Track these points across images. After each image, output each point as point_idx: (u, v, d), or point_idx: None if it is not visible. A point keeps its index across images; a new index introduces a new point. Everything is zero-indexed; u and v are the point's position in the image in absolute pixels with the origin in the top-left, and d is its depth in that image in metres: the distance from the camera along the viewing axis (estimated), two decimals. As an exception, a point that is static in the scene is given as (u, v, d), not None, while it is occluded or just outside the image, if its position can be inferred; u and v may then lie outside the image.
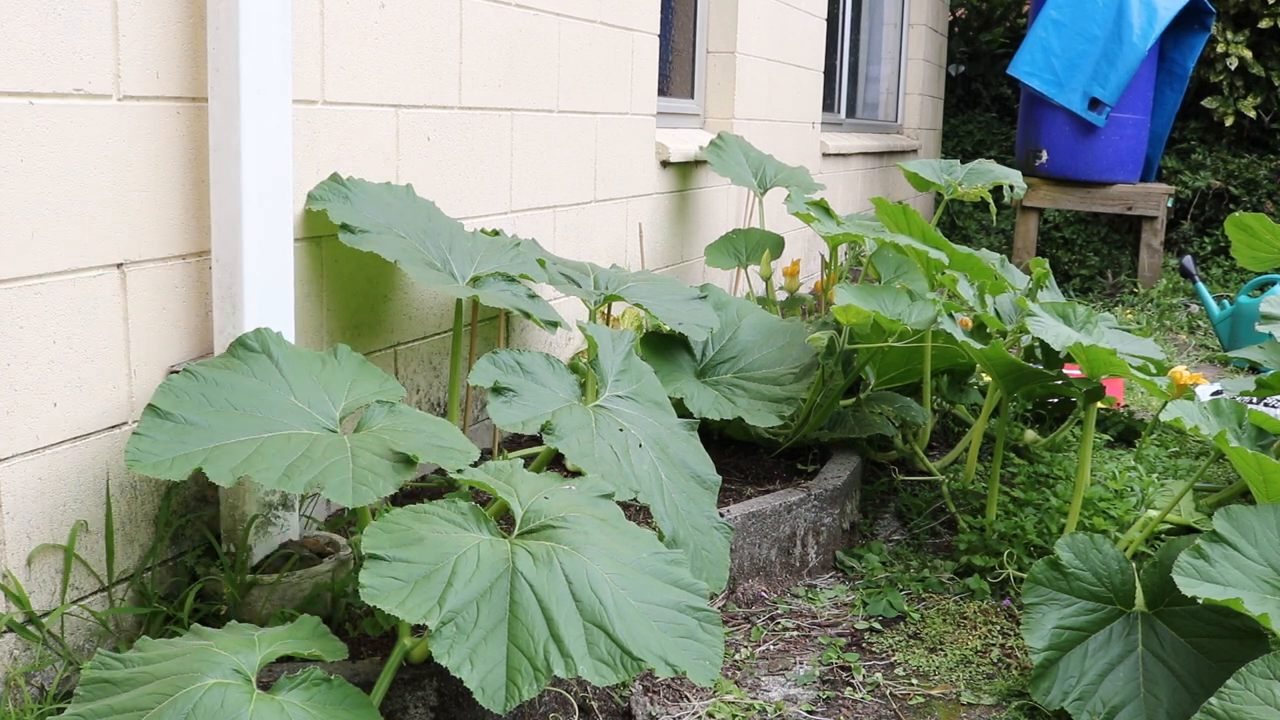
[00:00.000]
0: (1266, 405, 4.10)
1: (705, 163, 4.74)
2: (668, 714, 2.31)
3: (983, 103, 10.46)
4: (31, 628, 1.96)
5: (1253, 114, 8.13)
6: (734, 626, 2.73)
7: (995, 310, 3.24)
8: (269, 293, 2.30)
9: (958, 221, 9.32)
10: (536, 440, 3.30)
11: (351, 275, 2.73)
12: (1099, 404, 3.38)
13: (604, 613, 1.77)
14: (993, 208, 4.85)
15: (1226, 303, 5.85)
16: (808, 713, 2.37)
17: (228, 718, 1.56)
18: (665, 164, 4.46)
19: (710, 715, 2.33)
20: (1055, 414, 4.14)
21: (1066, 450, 3.80)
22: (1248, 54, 7.93)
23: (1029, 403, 4.12)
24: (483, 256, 2.79)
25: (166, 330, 2.20)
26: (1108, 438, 4.01)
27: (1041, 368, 3.04)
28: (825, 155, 6.69)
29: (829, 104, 7.37)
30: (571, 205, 3.75)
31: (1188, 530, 3.12)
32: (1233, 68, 8.00)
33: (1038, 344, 3.12)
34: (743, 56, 5.25)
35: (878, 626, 2.75)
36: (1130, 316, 6.73)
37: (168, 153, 2.16)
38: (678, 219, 4.68)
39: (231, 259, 2.24)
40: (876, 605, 2.84)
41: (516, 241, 2.94)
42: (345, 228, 2.50)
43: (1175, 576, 2.11)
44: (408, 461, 1.92)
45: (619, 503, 2.26)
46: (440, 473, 2.94)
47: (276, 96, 2.27)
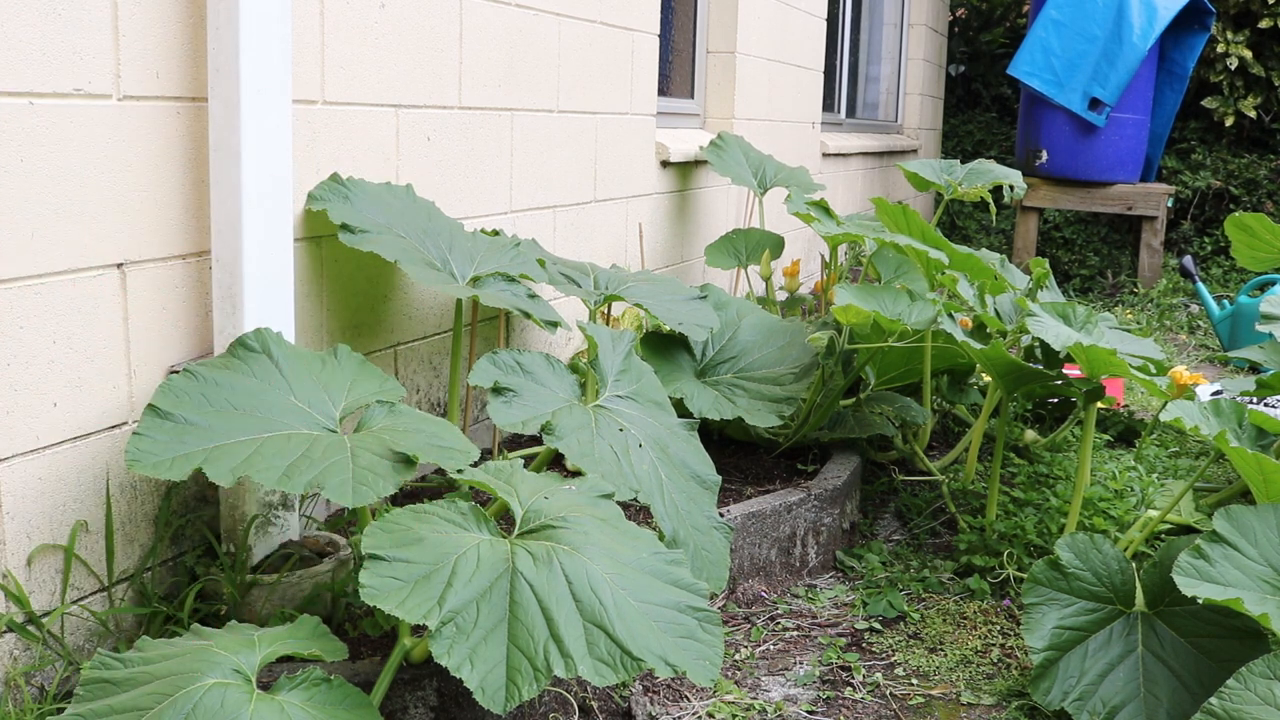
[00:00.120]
0: (1266, 405, 4.10)
1: (705, 163, 4.74)
2: (668, 714, 2.31)
3: (983, 103, 10.46)
4: (31, 628, 1.96)
5: (1253, 114, 8.13)
6: (734, 626, 2.73)
7: (995, 310, 3.24)
8: (269, 293, 2.30)
9: (958, 221, 9.32)
10: (536, 440, 3.30)
11: (351, 275, 2.73)
12: (1099, 404, 3.38)
13: (604, 613, 1.77)
14: (993, 208, 4.84)
15: (1226, 303, 5.85)
16: (808, 713, 2.37)
17: (228, 718, 1.56)
18: (665, 164, 4.46)
19: (710, 715, 2.33)
20: (1055, 414, 4.14)
21: (1066, 450, 3.80)
22: (1248, 54, 7.93)
23: (1029, 403, 4.12)
24: (483, 256, 2.79)
25: (166, 330, 2.20)
26: (1108, 438, 4.01)
27: (1041, 368, 3.04)
28: (825, 155, 6.69)
29: (829, 104, 7.37)
30: (571, 205, 3.75)
31: (1188, 530, 3.12)
32: (1233, 68, 8.00)
33: (1038, 344, 3.12)
34: (743, 56, 5.25)
35: (878, 626, 2.75)
36: (1130, 316, 6.73)
37: (168, 153, 2.16)
38: (678, 219, 4.68)
39: (231, 259, 2.24)
40: (876, 605, 2.84)
41: (516, 241, 2.94)
42: (345, 228, 2.50)
43: (1175, 576, 2.11)
44: (408, 461, 1.92)
45: (619, 503, 2.26)
46: (440, 473, 2.94)
47: (276, 96, 2.27)
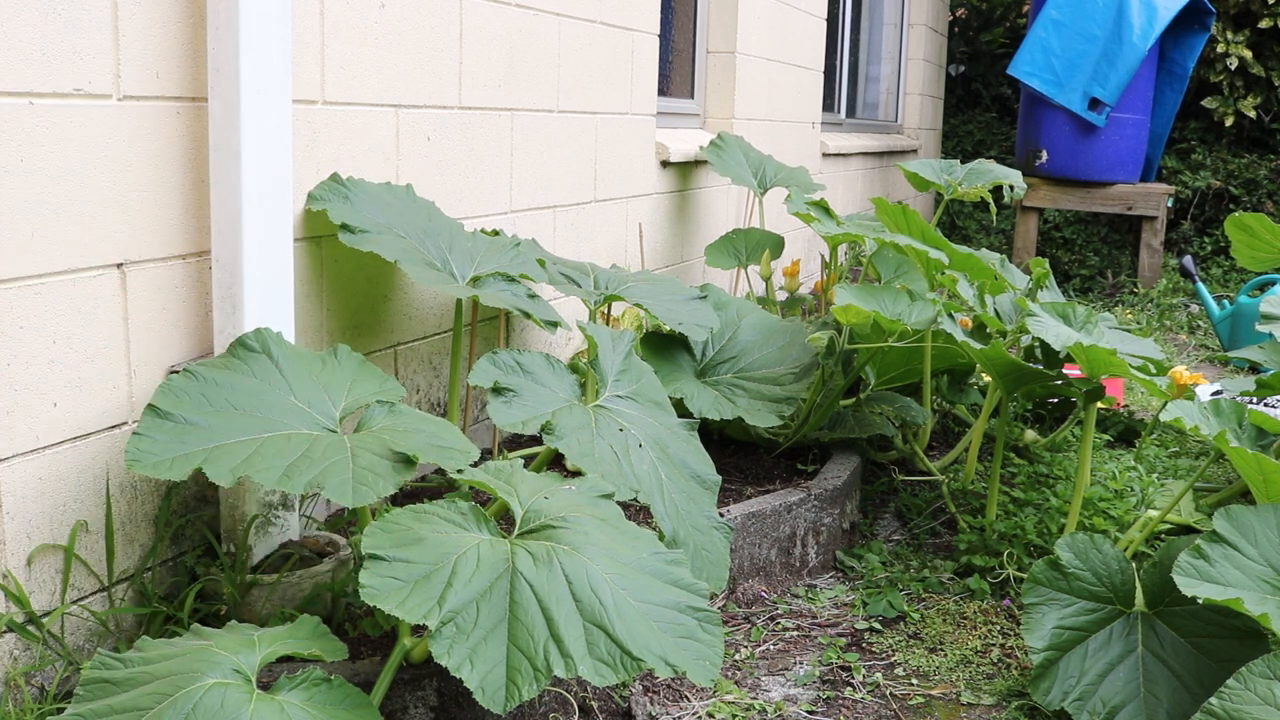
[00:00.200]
0: (1266, 405, 4.10)
1: (705, 163, 4.74)
2: (668, 714, 2.31)
3: (983, 103, 10.46)
4: (31, 628, 1.96)
5: (1253, 114, 8.13)
6: (734, 626, 2.73)
7: (995, 310, 3.24)
8: (269, 293, 2.30)
9: (958, 221, 9.32)
10: (536, 440, 3.30)
11: (351, 275, 2.73)
12: (1099, 404, 3.37)
13: (604, 613, 1.77)
14: (993, 208, 4.84)
15: (1226, 303, 5.85)
16: (808, 713, 2.37)
17: (228, 718, 1.56)
18: (665, 164, 4.46)
19: (710, 715, 2.33)
20: (1055, 414, 4.14)
21: (1066, 450, 3.80)
22: (1248, 54, 7.93)
23: (1029, 403, 4.12)
24: (483, 256, 2.79)
25: (166, 330, 2.20)
26: (1108, 438, 4.01)
27: (1041, 368, 3.04)
28: (825, 155, 6.69)
29: (829, 104, 7.37)
30: (571, 205, 3.75)
31: (1188, 530, 3.12)
32: (1233, 68, 8.00)
33: (1038, 344, 3.12)
34: (743, 56, 5.25)
35: (878, 626, 2.75)
36: (1130, 316, 6.73)
37: (168, 153, 2.16)
38: (678, 219, 4.68)
39: (231, 259, 2.24)
40: (876, 605, 2.84)
41: (516, 241, 2.94)
42: (345, 228, 2.50)
43: (1175, 576, 2.11)
44: (408, 461, 1.92)
45: (619, 503, 2.26)
46: (440, 473, 2.94)
47: (276, 96, 2.27)
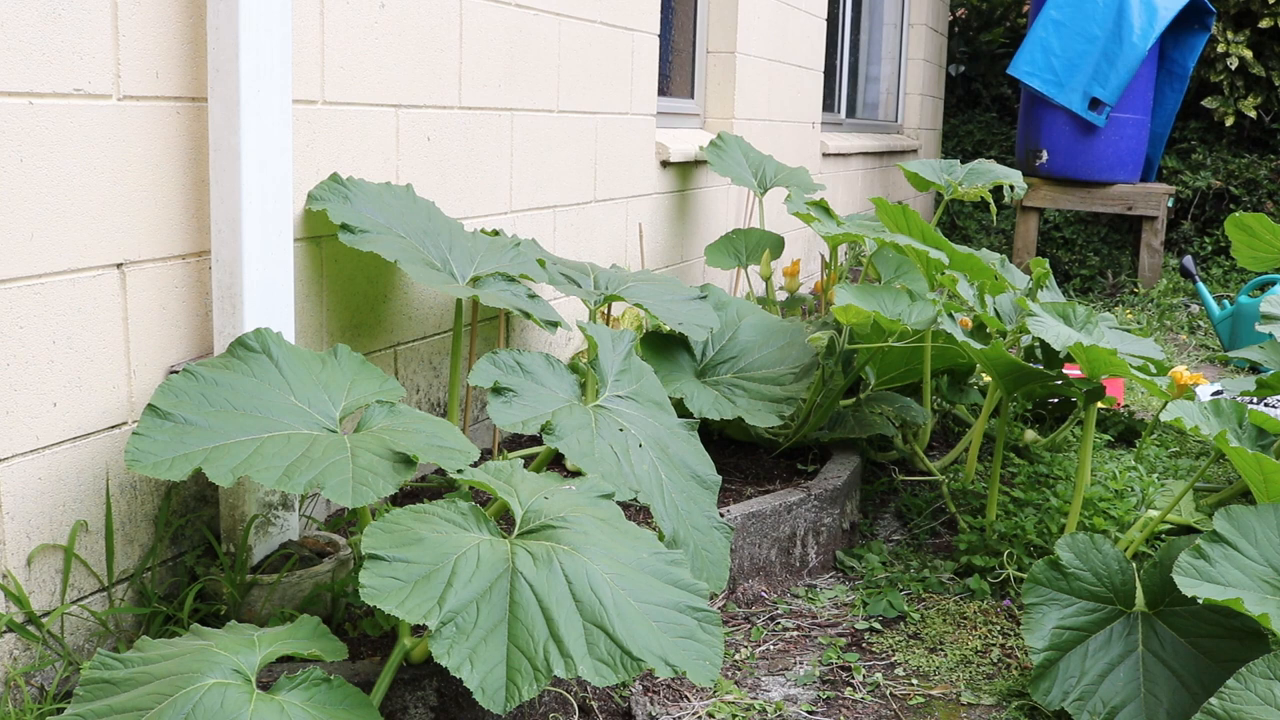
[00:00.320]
0: (1266, 405, 4.10)
1: (705, 163, 4.74)
2: (668, 714, 2.31)
3: (983, 103, 10.46)
4: (31, 628, 1.96)
5: (1253, 114, 8.13)
6: (734, 626, 2.73)
7: (995, 310, 3.24)
8: (269, 293, 2.30)
9: (958, 221, 9.32)
10: (536, 440, 3.30)
11: (351, 275, 2.73)
12: (1099, 404, 3.37)
13: (604, 613, 1.77)
14: (993, 208, 4.84)
15: (1227, 303, 5.85)
16: (808, 713, 2.37)
17: (228, 718, 1.56)
18: (665, 164, 4.46)
19: (710, 715, 2.33)
20: (1055, 414, 4.14)
21: (1066, 450, 3.80)
22: (1248, 54, 7.93)
23: (1029, 403, 4.12)
24: (483, 256, 2.79)
25: (166, 330, 2.20)
26: (1108, 438, 4.01)
27: (1041, 368, 3.04)
28: (825, 155, 6.69)
29: (829, 104, 7.37)
30: (571, 205, 3.75)
31: (1188, 530, 3.12)
32: (1233, 68, 8.00)
33: (1038, 344, 3.12)
34: (743, 56, 5.25)
35: (878, 626, 2.75)
36: (1130, 316, 6.73)
37: (168, 153, 2.16)
38: (678, 219, 4.68)
39: (231, 259, 2.24)
40: (876, 605, 2.83)
41: (516, 241, 2.94)
42: (345, 228, 2.50)
43: (1175, 576, 2.11)
44: (408, 461, 1.92)
45: (619, 503, 2.26)
46: (440, 473, 2.94)
47: (276, 97, 2.27)
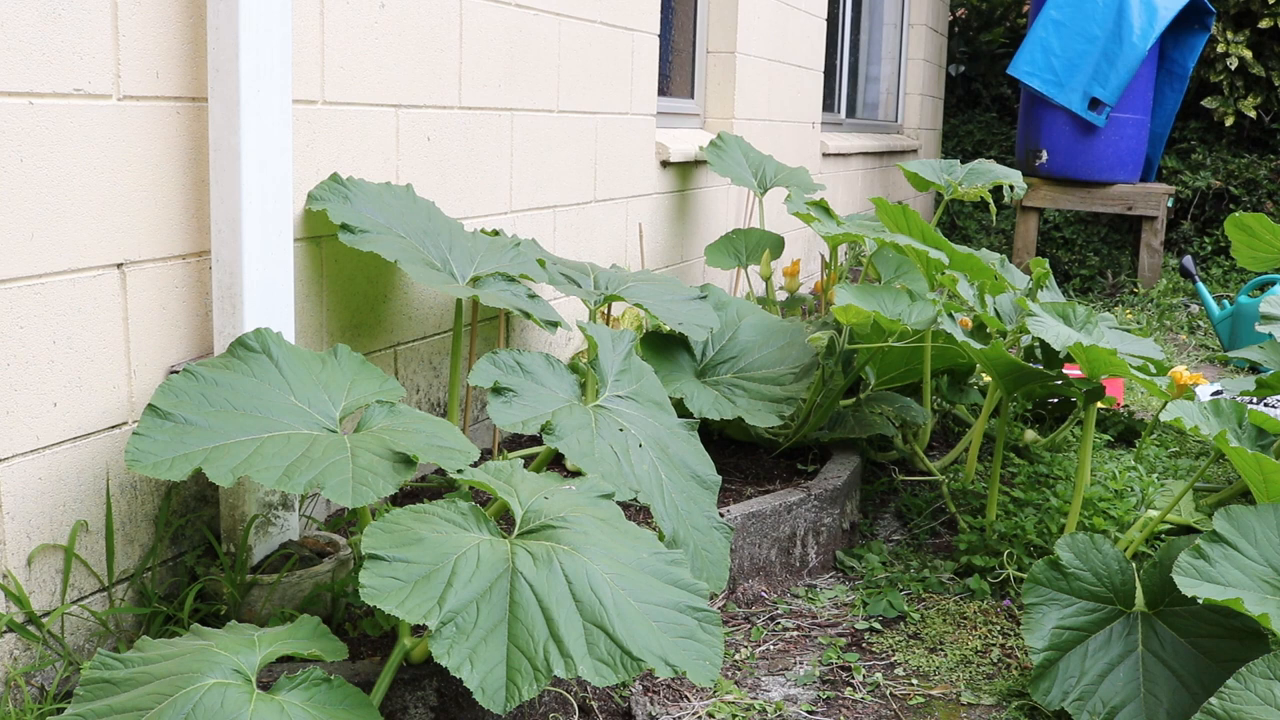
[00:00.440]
0: (1266, 405, 4.10)
1: (705, 163, 4.74)
2: (668, 714, 2.31)
3: (983, 103, 10.46)
4: (31, 628, 1.96)
5: (1253, 114, 8.13)
6: (734, 626, 2.73)
7: (995, 310, 3.24)
8: (269, 293, 2.30)
9: (958, 221, 9.32)
10: (536, 440, 3.30)
11: (351, 275, 2.73)
12: (1099, 404, 3.37)
13: (604, 613, 1.77)
14: (993, 208, 4.84)
15: (1226, 303, 5.85)
16: (808, 713, 2.37)
17: (228, 718, 1.56)
18: (665, 164, 4.46)
19: (710, 715, 2.33)
20: (1055, 414, 4.14)
21: (1066, 450, 3.80)
22: (1248, 54, 7.93)
23: (1029, 403, 4.12)
24: (483, 256, 2.79)
25: (166, 330, 2.20)
26: (1108, 438, 4.01)
27: (1041, 368, 3.04)
28: (825, 155, 6.69)
29: (829, 104, 7.37)
30: (571, 205, 3.75)
31: (1188, 530, 3.12)
32: (1233, 68, 8.00)
33: (1038, 344, 3.12)
34: (743, 56, 5.25)
35: (878, 626, 2.75)
36: (1130, 316, 6.73)
37: (168, 153, 2.16)
38: (678, 219, 4.68)
39: (231, 259, 2.24)
40: (876, 605, 2.84)
41: (516, 241, 2.94)
42: (345, 228, 2.50)
43: (1175, 576, 2.11)
44: (408, 461, 1.92)
45: (619, 503, 2.26)
46: (440, 473, 2.94)
47: (276, 96, 2.27)
